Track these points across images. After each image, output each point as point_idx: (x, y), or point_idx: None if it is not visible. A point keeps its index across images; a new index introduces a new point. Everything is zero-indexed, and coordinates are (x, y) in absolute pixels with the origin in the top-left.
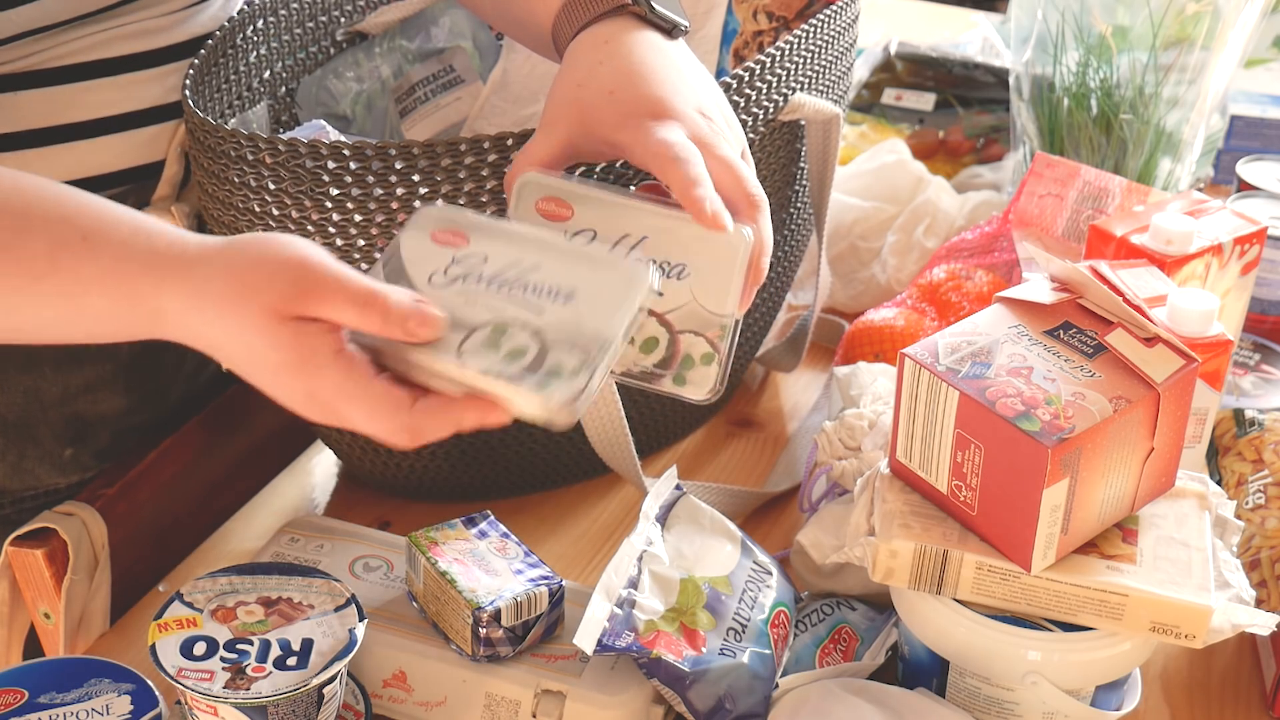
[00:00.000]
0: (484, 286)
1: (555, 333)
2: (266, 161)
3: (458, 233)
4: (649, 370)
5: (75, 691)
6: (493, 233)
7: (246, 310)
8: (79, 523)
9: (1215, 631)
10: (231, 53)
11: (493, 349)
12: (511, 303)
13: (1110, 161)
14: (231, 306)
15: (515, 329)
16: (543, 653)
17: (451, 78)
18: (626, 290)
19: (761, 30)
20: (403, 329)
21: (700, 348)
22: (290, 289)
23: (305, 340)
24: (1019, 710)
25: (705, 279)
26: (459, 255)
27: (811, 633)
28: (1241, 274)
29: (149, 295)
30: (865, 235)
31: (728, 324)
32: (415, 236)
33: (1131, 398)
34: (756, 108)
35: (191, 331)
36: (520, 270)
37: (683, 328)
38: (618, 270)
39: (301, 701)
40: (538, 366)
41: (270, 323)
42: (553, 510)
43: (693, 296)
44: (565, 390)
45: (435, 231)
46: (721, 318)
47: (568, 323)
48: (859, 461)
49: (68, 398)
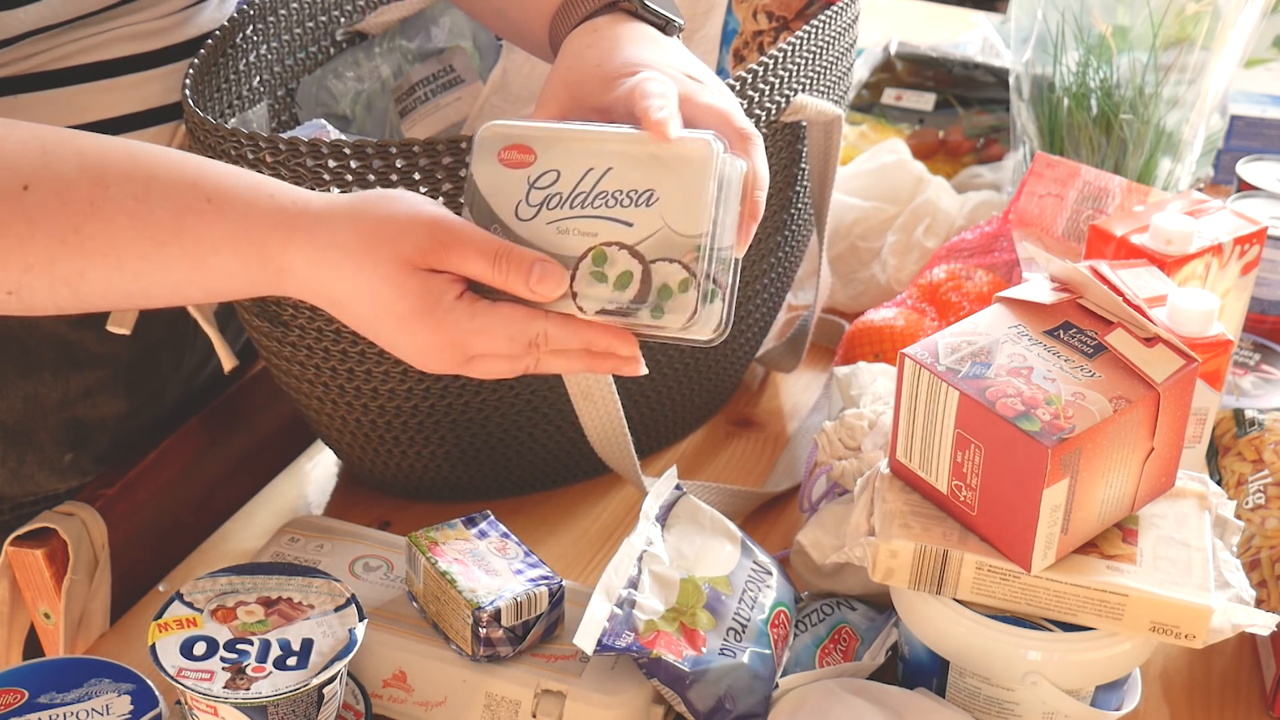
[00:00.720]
0: (569, 208)
1: (651, 245)
2: (267, 160)
3: (524, 149)
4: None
5: (75, 691)
6: (554, 141)
7: (377, 260)
8: (79, 523)
9: (1215, 631)
10: (231, 53)
11: (601, 281)
12: (600, 220)
13: (1110, 161)
14: (363, 258)
15: (613, 251)
16: (543, 653)
17: (451, 78)
18: (700, 179)
19: (761, 30)
20: (527, 284)
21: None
22: (425, 241)
23: (432, 288)
24: (1019, 710)
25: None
26: (533, 177)
27: (811, 633)
28: (1241, 274)
29: (276, 253)
30: (865, 235)
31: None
32: (485, 165)
33: (1131, 398)
34: (759, 110)
35: (315, 286)
36: (595, 180)
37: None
38: (687, 161)
39: (301, 701)
40: (646, 292)
41: (400, 272)
42: (553, 510)
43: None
44: (679, 310)
45: (501, 153)
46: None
47: (657, 230)
48: (859, 461)
49: (67, 402)
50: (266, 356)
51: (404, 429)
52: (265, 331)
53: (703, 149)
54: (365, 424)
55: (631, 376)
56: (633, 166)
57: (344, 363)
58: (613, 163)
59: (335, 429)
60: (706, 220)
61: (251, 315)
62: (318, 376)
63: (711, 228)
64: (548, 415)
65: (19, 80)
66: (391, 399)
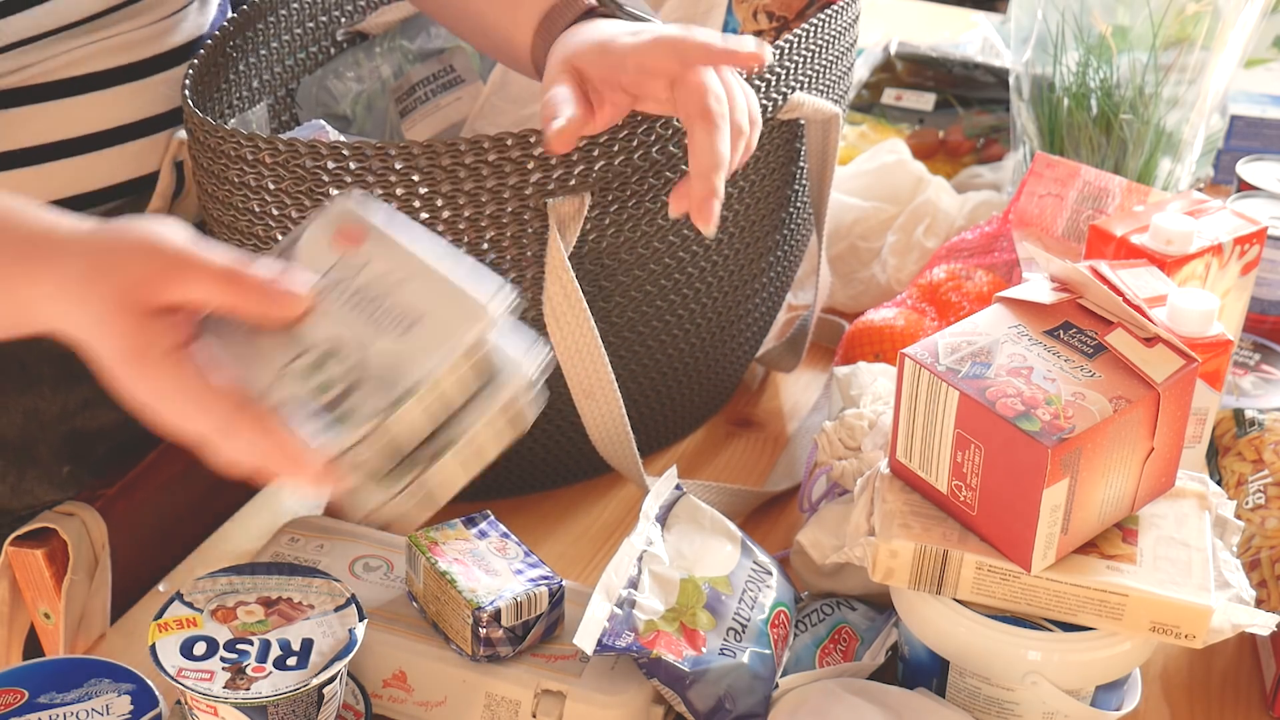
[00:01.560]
0: (343, 300)
1: (374, 368)
2: (266, 161)
3: (357, 233)
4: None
5: (75, 691)
6: (387, 239)
7: (96, 293)
8: (79, 523)
9: (1215, 631)
10: (231, 53)
11: (308, 377)
12: (358, 323)
13: (1110, 161)
14: (87, 291)
15: (340, 357)
16: (543, 653)
17: (451, 78)
18: (457, 329)
19: (762, 30)
20: (260, 298)
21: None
22: (147, 270)
23: (144, 333)
24: (1019, 710)
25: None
26: (344, 260)
27: (811, 633)
28: (1241, 274)
29: (22, 285)
30: (865, 235)
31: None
32: (318, 232)
33: (1131, 398)
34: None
35: (57, 324)
36: (386, 286)
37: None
38: (463, 305)
39: (301, 701)
40: (335, 406)
41: (115, 311)
42: (553, 510)
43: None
44: (335, 443)
45: (340, 228)
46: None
47: (389, 357)
48: (859, 461)
49: (66, 415)
50: None
51: None
52: None
53: (472, 309)
54: None
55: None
56: (428, 288)
57: None
58: (416, 277)
59: None
60: (423, 381)
61: None
62: None
63: (427, 393)
64: (548, 415)
65: (9, 94)
66: None
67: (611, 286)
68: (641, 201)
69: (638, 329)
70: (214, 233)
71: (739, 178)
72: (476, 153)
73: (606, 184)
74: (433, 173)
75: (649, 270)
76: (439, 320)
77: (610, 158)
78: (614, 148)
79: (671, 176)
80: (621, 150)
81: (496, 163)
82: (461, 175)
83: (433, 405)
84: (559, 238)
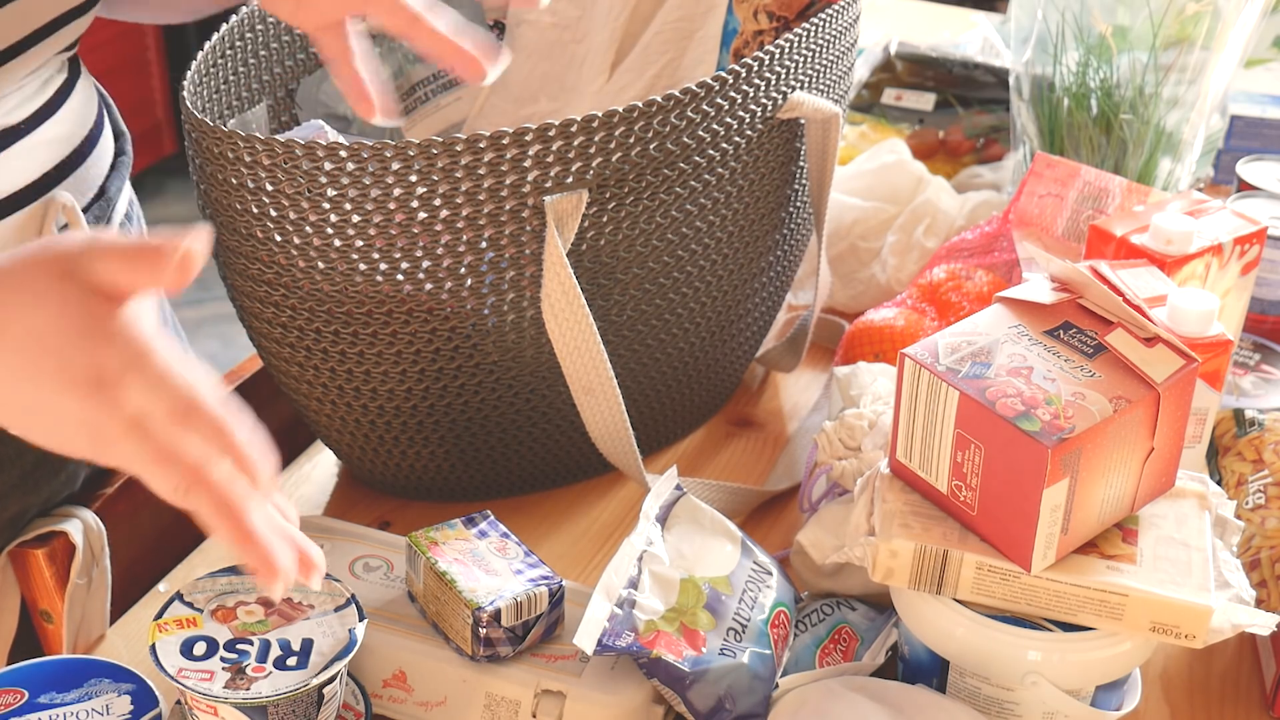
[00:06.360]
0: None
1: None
2: (264, 162)
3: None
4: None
5: (75, 691)
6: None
7: (19, 264)
8: (79, 523)
9: (1215, 631)
10: (231, 53)
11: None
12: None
13: (1110, 161)
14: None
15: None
16: (543, 653)
17: (451, 78)
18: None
19: (762, 30)
20: (157, 258)
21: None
22: (75, 244)
23: (86, 302)
24: (1019, 710)
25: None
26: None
27: (811, 633)
28: (1241, 274)
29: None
30: (865, 235)
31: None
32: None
33: (1131, 398)
34: (754, 105)
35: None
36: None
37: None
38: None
39: (301, 701)
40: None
41: (41, 280)
42: (553, 510)
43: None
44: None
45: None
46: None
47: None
48: (859, 461)
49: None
50: (266, 357)
51: (404, 429)
52: (264, 332)
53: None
54: (365, 424)
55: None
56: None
57: (343, 363)
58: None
59: (335, 429)
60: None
61: (250, 315)
62: (317, 377)
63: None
64: (548, 415)
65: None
66: (391, 399)
67: (611, 285)
68: (640, 199)
69: (637, 328)
70: (214, 234)
71: (739, 177)
72: (473, 152)
73: (604, 181)
74: (430, 173)
75: (648, 269)
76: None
77: (607, 155)
78: (611, 145)
79: (670, 174)
80: (619, 148)
81: (493, 161)
82: (459, 175)
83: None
84: (557, 235)
